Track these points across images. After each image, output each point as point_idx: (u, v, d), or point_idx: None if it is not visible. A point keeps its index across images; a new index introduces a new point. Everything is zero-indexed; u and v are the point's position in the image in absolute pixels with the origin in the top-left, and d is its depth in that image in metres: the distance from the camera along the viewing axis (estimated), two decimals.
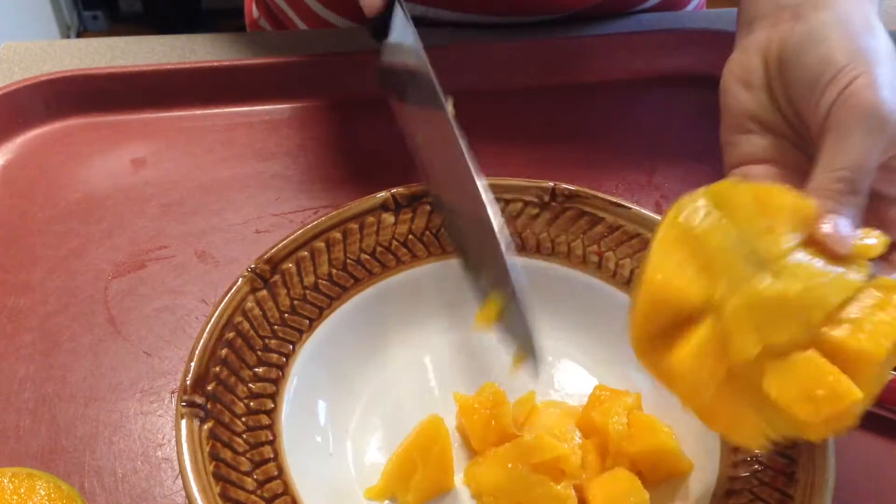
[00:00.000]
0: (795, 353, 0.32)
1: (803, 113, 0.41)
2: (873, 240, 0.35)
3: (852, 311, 0.32)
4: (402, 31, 0.46)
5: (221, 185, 0.61)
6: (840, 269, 0.33)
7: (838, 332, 0.32)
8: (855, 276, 0.33)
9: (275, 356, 0.43)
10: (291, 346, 0.44)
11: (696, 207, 0.35)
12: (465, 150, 0.40)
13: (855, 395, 0.31)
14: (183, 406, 0.39)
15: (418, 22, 0.76)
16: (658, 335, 0.35)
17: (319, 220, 0.48)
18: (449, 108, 0.41)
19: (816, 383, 0.31)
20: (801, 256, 0.33)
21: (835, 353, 0.32)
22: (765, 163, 0.42)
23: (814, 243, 0.34)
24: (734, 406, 0.34)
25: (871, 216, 0.38)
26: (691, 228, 0.34)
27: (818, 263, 0.33)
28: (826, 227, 0.34)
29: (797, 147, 0.42)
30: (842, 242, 0.34)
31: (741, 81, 0.43)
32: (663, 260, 0.34)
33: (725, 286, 0.33)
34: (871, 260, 0.34)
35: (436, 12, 0.75)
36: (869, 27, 0.40)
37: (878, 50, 0.39)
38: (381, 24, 0.47)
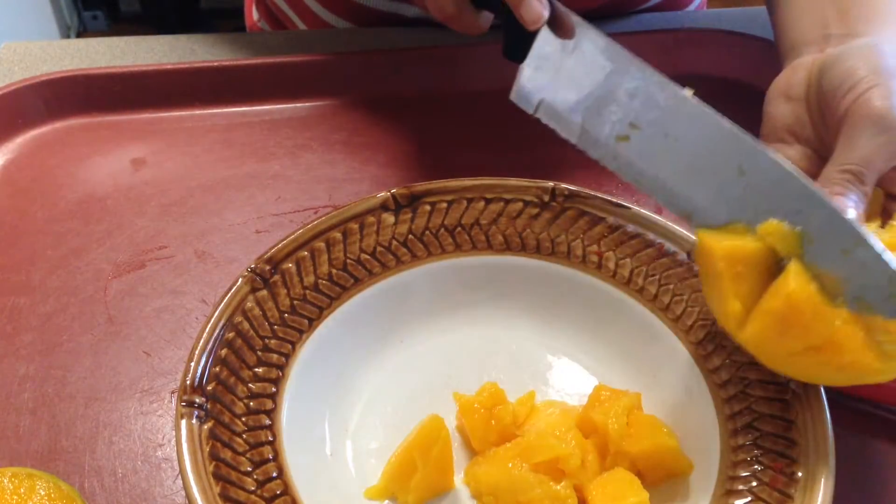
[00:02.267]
0: None
1: (826, 118, 0.44)
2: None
3: None
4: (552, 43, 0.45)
5: (221, 185, 0.61)
6: None
7: None
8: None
9: (275, 356, 0.43)
10: (291, 346, 0.44)
11: None
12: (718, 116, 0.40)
13: None
14: (183, 406, 0.39)
15: (421, 23, 0.76)
16: (750, 298, 0.38)
17: (319, 220, 0.48)
18: (688, 92, 0.41)
19: None
20: None
21: None
22: None
23: None
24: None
25: (887, 217, 0.42)
26: None
27: None
28: None
29: (823, 159, 0.45)
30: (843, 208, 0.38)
31: (783, 94, 0.47)
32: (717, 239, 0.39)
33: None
34: None
35: None
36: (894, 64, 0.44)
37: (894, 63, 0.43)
38: (528, 42, 0.45)
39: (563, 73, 0.44)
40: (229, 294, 0.44)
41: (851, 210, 0.39)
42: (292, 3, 0.80)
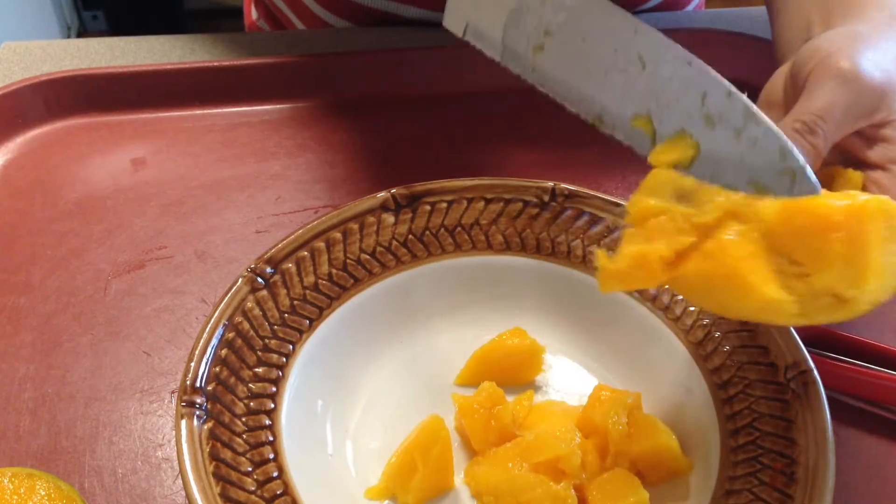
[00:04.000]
0: None
1: (796, 95, 0.42)
2: None
3: None
4: None
5: (221, 185, 0.61)
6: None
7: None
8: None
9: (275, 356, 0.43)
10: (291, 347, 0.44)
11: None
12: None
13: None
14: (183, 406, 0.39)
15: (421, 23, 0.76)
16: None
17: (319, 220, 0.48)
18: None
19: None
20: None
21: None
22: None
23: None
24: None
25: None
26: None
27: None
28: None
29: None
30: None
31: (765, 104, 0.46)
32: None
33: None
34: None
35: (440, 16, 0.75)
36: (865, 35, 0.42)
37: (864, 35, 0.42)
38: None
39: None
40: (229, 294, 0.44)
41: None
42: (291, 2, 0.80)
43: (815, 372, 0.41)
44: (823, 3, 0.48)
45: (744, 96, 0.35)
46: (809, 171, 0.34)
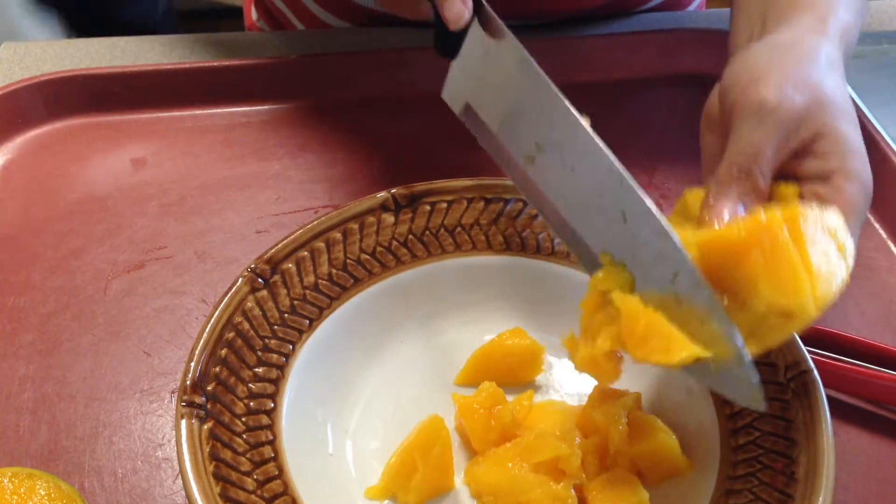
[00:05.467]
0: None
1: (726, 123, 0.42)
2: None
3: None
4: (484, 44, 0.44)
5: (221, 185, 0.61)
6: None
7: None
8: None
9: (275, 356, 0.43)
10: (291, 347, 0.44)
11: None
12: (606, 147, 0.39)
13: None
14: (183, 406, 0.39)
15: (419, 24, 0.76)
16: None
17: (319, 220, 0.48)
18: (584, 120, 0.40)
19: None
20: None
21: None
22: None
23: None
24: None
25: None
26: None
27: None
28: (703, 211, 0.39)
29: None
30: (717, 218, 0.38)
31: (706, 126, 0.46)
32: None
33: None
34: None
35: None
36: (788, 46, 0.43)
37: (787, 45, 0.42)
38: (455, 40, 0.45)
39: (485, 80, 0.44)
40: (229, 294, 0.44)
41: (722, 206, 0.38)
42: (290, 3, 0.80)
43: (815, 372, 0.41)
44: (763, 14, 0.48)
45: (708, 288, 0.35)
46: (759, 385, 0.34)
